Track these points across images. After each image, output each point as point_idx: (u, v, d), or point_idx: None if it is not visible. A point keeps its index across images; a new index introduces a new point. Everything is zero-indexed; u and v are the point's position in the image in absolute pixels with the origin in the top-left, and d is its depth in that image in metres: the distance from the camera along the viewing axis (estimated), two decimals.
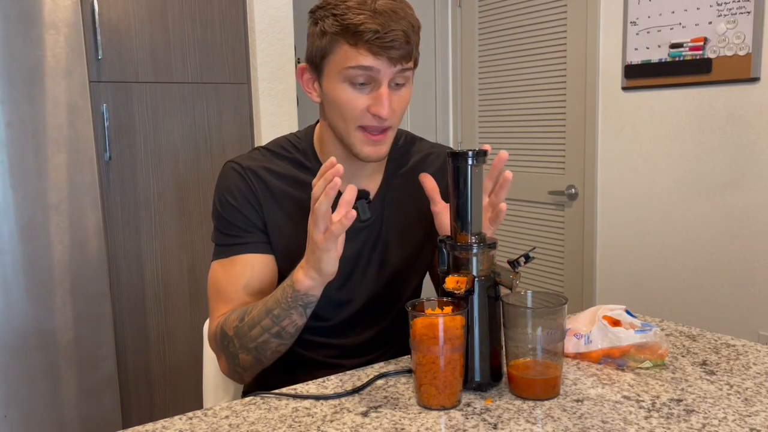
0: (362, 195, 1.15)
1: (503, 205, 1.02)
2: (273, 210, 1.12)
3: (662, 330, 1.16)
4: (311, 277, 0.97)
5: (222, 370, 1.13)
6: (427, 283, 1.29)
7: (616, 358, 1.02)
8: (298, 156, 1.16)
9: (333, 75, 1.04)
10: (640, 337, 1.01)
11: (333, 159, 0.92)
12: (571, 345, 1.05)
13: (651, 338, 1.01)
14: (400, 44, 1.00)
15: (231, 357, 1.07)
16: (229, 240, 1.12)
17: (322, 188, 0.91)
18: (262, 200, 1.12)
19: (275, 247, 1.13)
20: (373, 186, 1.18)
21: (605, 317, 1.05)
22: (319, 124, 1.17)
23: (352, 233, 1.15)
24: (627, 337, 1.01)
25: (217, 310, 1.12)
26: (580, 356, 1.05)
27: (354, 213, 0.90)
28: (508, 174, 1.02)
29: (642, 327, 1.03)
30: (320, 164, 1.15)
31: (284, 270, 1.14)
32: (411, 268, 1.22)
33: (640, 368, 1.00)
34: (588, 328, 1.05)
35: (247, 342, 1.02)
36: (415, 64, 1.07)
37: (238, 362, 1.06)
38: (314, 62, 1.06)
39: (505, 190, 1.02)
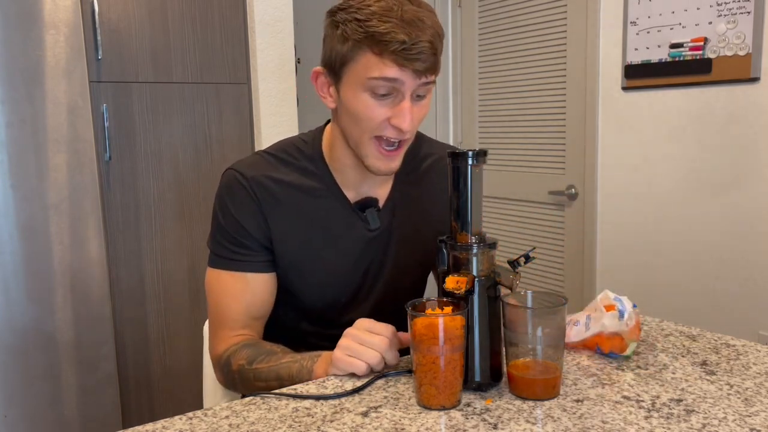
0: (371, 203, 1.13)
1: None
2: (279, 221, 1.09)
3: (638, 313, 1.16)
4: (332, 373, 1.00)
5: (218, 381, 1.15)
6: (429, 282, 1.28)
7: (616, 350, 1.03)
8: (305, 163, 1.12)
9: (353, 83, 0.98)
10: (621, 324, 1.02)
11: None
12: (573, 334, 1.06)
13: (630, 320, 1.02)
14: (426, 56, 0.95)
15: (230, 383, 1.10)
16: (231, 255, 1.10)
17: (395, 360, 0.96)
18: (268, 213, 1.09)
19: (281, 257, 1.11)
20: (383, 193, 1.15)
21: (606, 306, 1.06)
22: (329, 127, 1.13)
23: (363, 242, 1.13)
24: (611, 322, 1.02)
25: (218, 329, 1.12)
26: (577, 345, 1.06)
27: (398, 356, 0.97)
28: None
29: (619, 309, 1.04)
30: (329, 171, 1.12)
31: (291, 278, 1.13)
32: (422, 274, 1.22)
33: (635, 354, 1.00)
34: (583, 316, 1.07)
35: (250, 387, 1.05)
36: (437, 74, 1.03)
37: (236, 389, 1.11)
38: (332, 67, 1.00)
39: None
